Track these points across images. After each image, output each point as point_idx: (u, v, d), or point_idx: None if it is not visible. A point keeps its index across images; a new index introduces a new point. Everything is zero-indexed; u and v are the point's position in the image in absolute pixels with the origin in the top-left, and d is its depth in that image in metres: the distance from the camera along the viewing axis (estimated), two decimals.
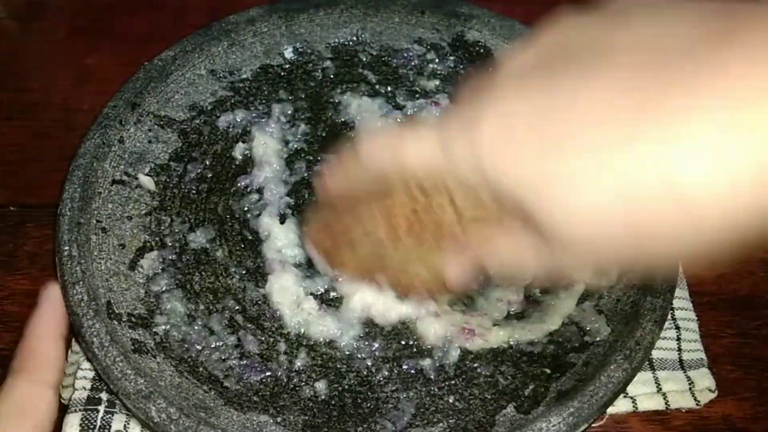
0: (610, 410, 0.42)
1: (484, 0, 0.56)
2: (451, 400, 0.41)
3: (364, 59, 0.56)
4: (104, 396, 0.42)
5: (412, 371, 0.43)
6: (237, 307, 0.45)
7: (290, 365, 0.43)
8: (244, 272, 0.46)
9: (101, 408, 0.41)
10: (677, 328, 0.45)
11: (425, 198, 0.32)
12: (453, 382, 0.42)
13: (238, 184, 0.50)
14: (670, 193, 0.23)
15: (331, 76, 0.56)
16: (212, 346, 0.43)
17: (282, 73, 0.56)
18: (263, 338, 0.44)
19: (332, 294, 0.45)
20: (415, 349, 0.43)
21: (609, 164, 0.24)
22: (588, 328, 0.43)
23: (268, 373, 0.42)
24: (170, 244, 0.47)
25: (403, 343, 0.44)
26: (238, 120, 0.53)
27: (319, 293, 0.45)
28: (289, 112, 0.54)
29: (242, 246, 0.47)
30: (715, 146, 0.22)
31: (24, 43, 0.63)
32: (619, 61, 0.25)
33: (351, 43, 0.57)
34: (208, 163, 0.51)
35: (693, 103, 0.22)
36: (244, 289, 0.46)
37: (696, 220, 0.23)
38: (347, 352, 0.43)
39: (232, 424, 0.39)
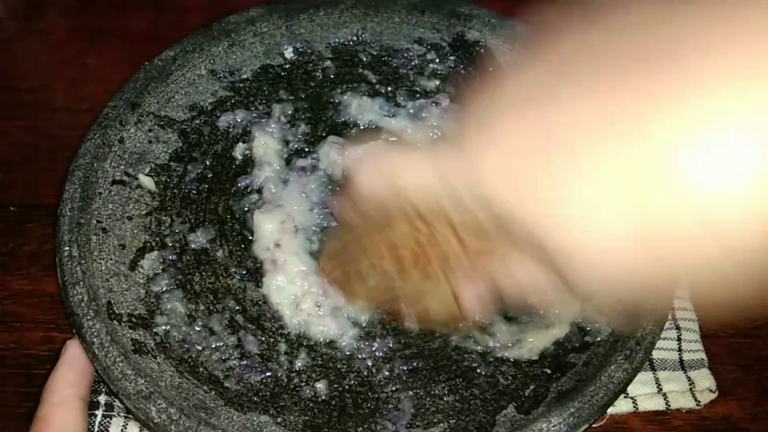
0: (611, 410, 0.42)
1: (484, 0, 0.56)
2: (451, 400, 0.41)
3: (365, 59, 0.56)
4: (102, 399, 0.42)
5: (413, 371, 0.43)
6: (237, 308, 0.45)
7: (290, 365, 0.43)
8: (244, 272, 0.46)
9: (99, 412, 0.41)
10: (678, 328, 0.45)
11: (428, 228, 0.31)
12: (453, 382, 0.42)
13: (238, 184, 0.50)
14: (691, 207, 0.22)
15: (332, 76, 0.56)
16: (212, 346, 0.43)
17: (282, 73, 0.56)
18: (263, 338, 0.44)
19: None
20: (415, 349, 0.43)
21: (620, 182, 0.23)
22: (588, 328, 0.43)
23: (268, 374, 0.42)
24: (170, 245, 0.47)
25: (403, 342, 0.44)
26: (239, 120, 0.53)
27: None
28: (290, 112, 0.54)
29: (242, 246, 0.47)
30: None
31: (24, 43, 0.63)
32: (607, 70, 0.24)
33: (351, 43, 0.57)
34: (208, 163, 0.51)
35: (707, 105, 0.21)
36: (245, 290, 0.45)
37: (721, 236, 0.22)
38: (347, 353, 0.43)
39: (232, 424, 0.39)
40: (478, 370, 0.42)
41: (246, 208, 0.49)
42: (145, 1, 0.66)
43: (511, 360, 0.43)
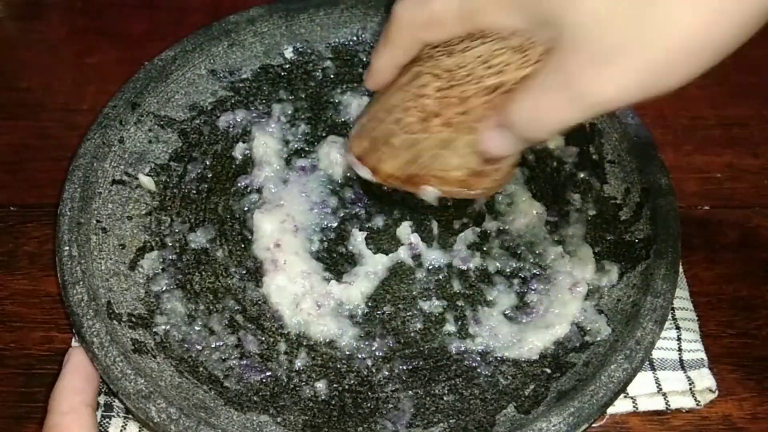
0: (611, 410, 0.42)
1: None
2: (451, 400, 0.41)
3: (365, 59, 0.56)
4: (101, 400, 0.42)
5: (413, 371, 0.43)
6: (237, 307, 0.45)
7: (290, 365, 0.43)
8: (244, 272, 0.46)
9: (98, 413, 0.41)
10: (678, 328, 0.45)
11: (449, 73, 0.33)
12: (453, 382, 0.42)
13: (238, 184, 0.50)
14: None
15: (331, 76, 0.56)
16: (212, 346, 0.43)
17: (282, 73, 0.56)
18: (263, 338, 0.44)
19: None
20: (414, 349, 0.43)
21: None
22: (588, 328, 0.43)
23: (268, 373, 0.42)
24: (170, 244, 0.47)
25: (403, 342, 0.44)
26: (238, 120, 0.53)
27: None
28: (290, 112, 0.54)
29: (242, 246, 0.47)
30: None
31: (24, 43, 0.63)
32: None
33: (351, 43, 0.57)
34: (208, 163, 0.51)
35: None
36: (244, 289, 0.45)
37: None
38: (347, 352, 0.43)
39: (232, 424, 0.39)
40: (478, 370, 0.42)
41: (246, 208, 0.49)
42: (144, 1, 0.66)
43: (511, 360, 0.43)
